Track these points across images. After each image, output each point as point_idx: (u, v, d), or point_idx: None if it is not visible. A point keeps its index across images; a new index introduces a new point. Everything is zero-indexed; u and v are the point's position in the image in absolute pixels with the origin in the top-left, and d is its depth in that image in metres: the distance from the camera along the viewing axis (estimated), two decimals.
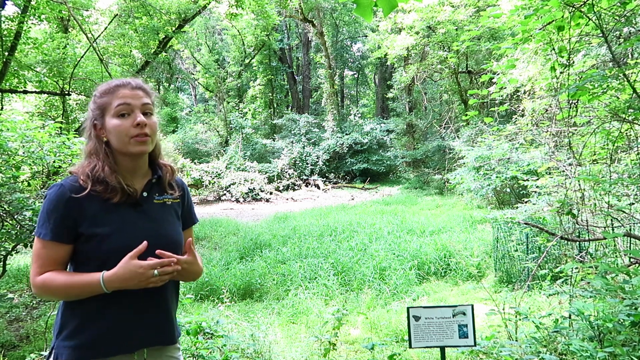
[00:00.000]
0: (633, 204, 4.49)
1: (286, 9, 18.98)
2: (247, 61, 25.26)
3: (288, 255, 7.09)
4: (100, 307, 1.31)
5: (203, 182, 15.53)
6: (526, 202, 6.77)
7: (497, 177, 9.66)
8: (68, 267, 1.38)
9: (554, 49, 3.36)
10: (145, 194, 1.43)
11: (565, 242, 4.79)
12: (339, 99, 27.43)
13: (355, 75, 33.05)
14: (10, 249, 4.00)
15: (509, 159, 9.11)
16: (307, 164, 18.99)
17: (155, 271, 1.28)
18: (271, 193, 16.01)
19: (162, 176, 1.48)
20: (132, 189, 1.38)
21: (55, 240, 1.30)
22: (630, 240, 4.41)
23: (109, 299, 1.31)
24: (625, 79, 3.04)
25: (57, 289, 1.29)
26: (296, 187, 17.87)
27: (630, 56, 5.05)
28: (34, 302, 5.46)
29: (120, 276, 1.26)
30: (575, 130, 4.67)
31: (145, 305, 1.38)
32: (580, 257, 4.32)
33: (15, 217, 3.71)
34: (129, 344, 1.36)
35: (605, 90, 3.29)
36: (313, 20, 21.40)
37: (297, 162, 18.73)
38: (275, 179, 17.48)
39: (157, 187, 1.48)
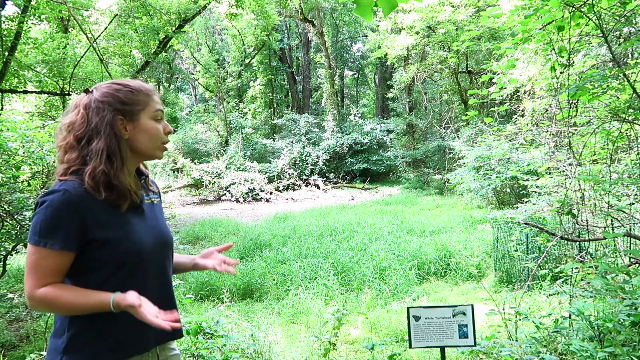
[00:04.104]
0: (633, 204, 4.49)
1: (286, 9, 18.98)
2: (247, 61, 25.25)
3: (288, 255, 7.09)
4: (114, 313, 1.27)
5: (203, 182, 15.52)
6: (526, 202, 6.77)
7: (497, 177, 9.66)
8: (67, 278, 1.32)
9: (554, 49, 3.36)
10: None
11: (565, 242, 4.79)
12: (339, 99, 27.43)
13: (355, 75, 33.05)
14: (10, 249, 4.00)
15: (509, 159, 9.11)
16: (307, 164, 18.98)
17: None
18: (271, 193, 16.01)
19: (148, 176, 1.52)
20: (134, 192, 1.37)
21: (67, 250, 1.23)
22: (630, 240, 4.40)
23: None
24: (625, 79, 3.04)
25: (62, 306, 1.24)
26: (296, 187, 17.86)
27: (630, 56, 5.06)
28: None
29: (123, 303, 1.23)
30: (575, 130, 4.68)
31: (162, 301, 1.38)
32: (580, 257, 4.33)
33: (15, 217, 3.71)
34: (145, 343, 1.35)
35: (605, 90, 3.29)
36: (313, 20, 21.40)
37: (297, 162, 18.72)
38: (275, 179, 17.47)
39: (144, 187, 1.50)
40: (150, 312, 1.22)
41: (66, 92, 8.18)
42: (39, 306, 1.24)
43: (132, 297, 1.22)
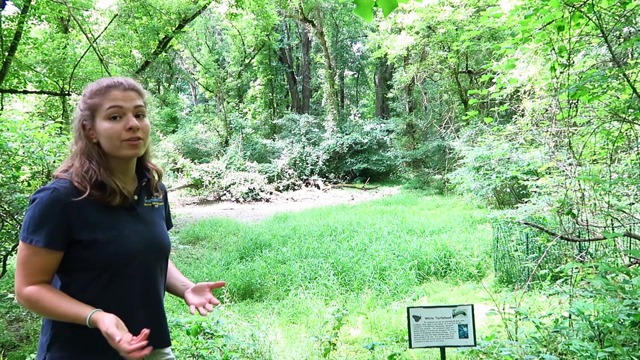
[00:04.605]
0: (633, 204, 4.49)
1: (286, 9, 18.98)
2: (247, 61, 25.25)
3: (288, 255, 7.08)
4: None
5: (203, 182, 15.51)
6: (526, 202, 6.77)
7: (497, 177, 9.66)
8: (56, 274, 1.32)
9: (554, 49, 3.36)
10: (136, 197, 1.41)
11: (565, 242, 4.79)
12: (339, 99, 27.42)
13: (355, 75, 33.05)
14: (10, 249, 4.01)
15: (509, 159, 9.10)
16: (307, 164, 18.98)
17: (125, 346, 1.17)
18: (271, 193, 16.00)
19: (150, 179, 1.46)
20: (126, 191, 1.35)
21: (50, 248, 1.24)
22: (630, 240, 4.41)
23: (112, 303, 1.29)
24: (625, 79, 3.04)
25: (42, 309, 1.24)
26: (296, 187, 17.85)
27: (630, 56, 5.06)
28: None
29: (101, 326, 1.19)
30: (575, 130, 4.68)
31: (146, 309, 1.38)
32: (580, 257, 4.33)
33: (15, 217, 3.72)
34: None
35: (605, 90, 3.29)
36: (313, 20, 21.40)
37: (297, 162, 18.72)
38: (275, 179, 17.47)
39: (146, 190, 1.46)
40: (125, 340, 1.16)
41: (66, 92, 8.18)
42: (25, 305, 1.26)
43: (109, 326, 1.17)
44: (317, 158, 19.15)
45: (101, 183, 1.29)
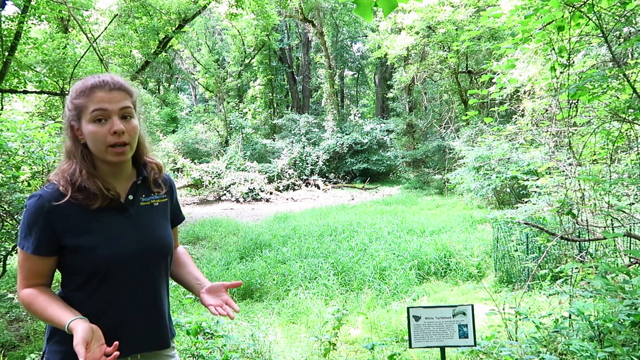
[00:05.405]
0: (633, 204, 4.49)
1: (286, 9, 18.98)
2: (247, 61, 25.25)
3: (288, 255, 7.08)
4: (94, 314, 1.26)
5: (203, 182, 15.51)
6: (526, 202, 6.77)
7: (497, 177, 9.66)
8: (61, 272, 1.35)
9: (554, 49, 3.36)
10: (130, 197, 1.36)
11: (565, 242, 4.79)
12: (339, 99, 27.42)
13: (355, 75, 33.05)
14: (10, 249, 4.01)
15: (509, 159, 9.11)
16: (307, 164, 18.98)
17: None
18: (271, 193, 16.00)
19: (147, 176, 1.41)
20: (113, 193, 1.31)
21: (37, 254, 1.25)
22: (630, 240, 4.41)
23: (104, 306, 1.29)
24: (625, 79, 3.04)
25: (34, 312, 1.27)
26: (296, 187, 17.85)
27: (630, 56, 5.06)
28: None
29: (74, 338, 1.16)
30: (575, 130, 4.68)
31: (142, 311, 1.36)
32: (580, 257, 4.33)
33: (15, 217, 3.72)
34: (122, 349, 1.28)
35: (605, 90, 3.29)
36: (313, 20, 21.40)
37: (297, 162, 18.72)
38: (275, 179, 17.46)
39: (143, 188, 1.41)
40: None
41: (66, 92, 8.15)
42: (23, 306, 1.29)
43: (78, 342, 1.13)
44: (317, 158, 19.15)
45: (83, 186, 1.27)
